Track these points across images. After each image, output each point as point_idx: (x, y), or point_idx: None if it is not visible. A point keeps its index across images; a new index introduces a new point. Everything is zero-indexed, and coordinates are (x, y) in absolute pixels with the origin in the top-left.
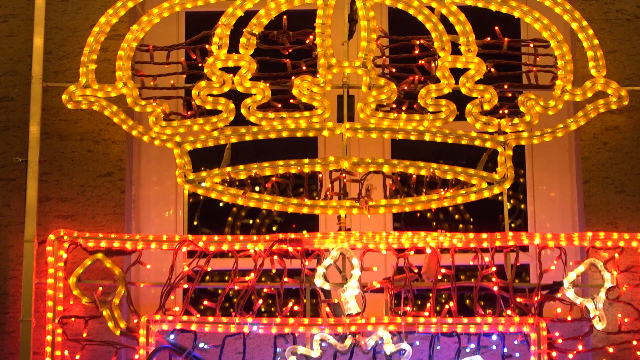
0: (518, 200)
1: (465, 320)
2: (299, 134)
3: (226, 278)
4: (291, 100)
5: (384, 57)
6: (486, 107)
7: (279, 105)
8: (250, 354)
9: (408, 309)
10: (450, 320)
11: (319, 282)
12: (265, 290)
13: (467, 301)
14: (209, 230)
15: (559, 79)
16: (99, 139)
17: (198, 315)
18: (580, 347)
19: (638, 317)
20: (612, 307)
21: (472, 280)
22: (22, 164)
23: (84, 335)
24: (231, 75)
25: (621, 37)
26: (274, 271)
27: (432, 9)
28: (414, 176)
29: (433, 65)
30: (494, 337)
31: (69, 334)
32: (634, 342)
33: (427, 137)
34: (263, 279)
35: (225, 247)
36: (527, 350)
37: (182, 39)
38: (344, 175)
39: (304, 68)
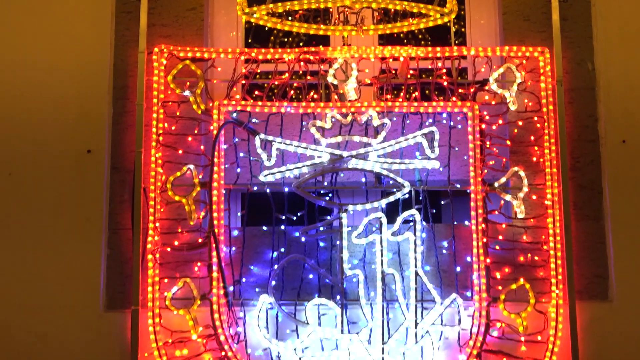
0: (460, 26)
1: (425, 104)
2: None
3: (269, 77)
4: None
5: None
6: None
7: None
8: (285, 126)
9: (388, 96)
10: (415, 104)
11: (330, 79)
12: (295, 84)
13: (427, 92)
14: (258, 45)
15: None
16: None
17: (251, 101)
18: (500, 121)
19: (537, 102)
20: (521, 95)
21: (430, 77)
22: (136, 2)
23: (177, 113)
24: None
25: None
26: (301, 72)
27: None
28: (392, 10)
29: None
30: (444, 115)
31: (168, 113)
32: (535, 118)
33: None
34: (294, 77)
35: (269, 57)
36: (466, 123)
37: None
38: (346, 9)
39: None
